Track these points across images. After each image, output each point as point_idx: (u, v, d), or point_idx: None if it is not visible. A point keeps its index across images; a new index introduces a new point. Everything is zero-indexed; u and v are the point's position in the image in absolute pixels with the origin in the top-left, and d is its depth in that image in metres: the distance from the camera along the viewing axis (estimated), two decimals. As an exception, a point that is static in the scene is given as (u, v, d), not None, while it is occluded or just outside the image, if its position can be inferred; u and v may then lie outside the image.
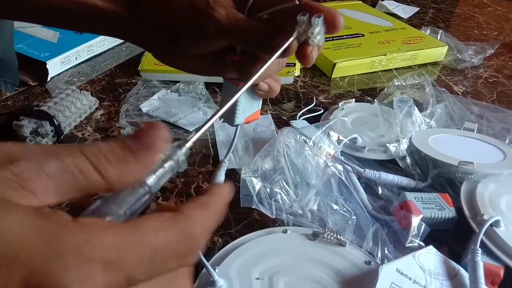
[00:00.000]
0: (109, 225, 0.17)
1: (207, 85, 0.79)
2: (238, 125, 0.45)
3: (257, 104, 0.45)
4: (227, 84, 0.45)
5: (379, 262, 0.46)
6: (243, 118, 0.44)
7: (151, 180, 0.20)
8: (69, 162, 0.18)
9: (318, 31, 0.32)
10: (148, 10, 0.38)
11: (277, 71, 0.40)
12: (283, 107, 0.77)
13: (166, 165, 0.20)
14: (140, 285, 0.18)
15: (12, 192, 0.17)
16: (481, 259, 0.43)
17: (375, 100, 0.75)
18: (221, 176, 0.48)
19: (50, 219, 0.16)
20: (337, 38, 0.96)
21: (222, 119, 0.45)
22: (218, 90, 0.80)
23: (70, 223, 0.16)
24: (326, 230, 0.47)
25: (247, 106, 0.44)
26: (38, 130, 0.62)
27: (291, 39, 0.31)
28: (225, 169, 0.49)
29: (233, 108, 0.43)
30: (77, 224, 0.16)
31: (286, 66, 0.81)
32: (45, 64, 0.79)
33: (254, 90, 0.42)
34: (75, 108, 0.69)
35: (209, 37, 0.35)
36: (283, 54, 0.33)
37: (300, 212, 0.51)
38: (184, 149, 0.21)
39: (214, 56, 0.39)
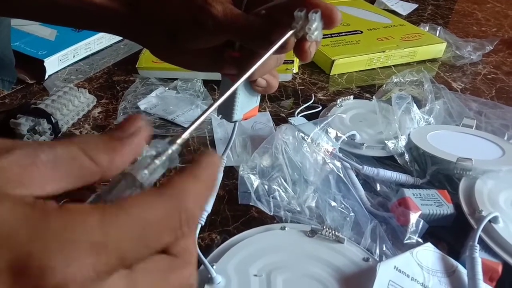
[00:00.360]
0: (93, 208, 0.17)
1: (205, 83, 0.79)
2: (236, 121, 0.45)
3: (255, 100, 0.45)
4: (225, 80, 0.44)
5: (377, 259, 0.46)
6: (241, 115, 0.44)
7: (141, 175, 0.20)
8: (62, 150, 0.19)
9: (315, 27, 0.31)
10: (146, 6, 0.38)
11: (275, 67, 0.40)
12: (281, 104, 0.77)
13: (157, 161, 0.21)
14: (135, 272, 0.18)
15: (8, 181, 0.17)
16: (479, 256, 0.43)
17: (374, 97, 0.75)
18: (219, 174, 0.48)
19: (35, 207, 0.16)
20: (336, 35, 0.96)
21: (220, 116, 0.45)
22: (216, 88, 0.80)
23: (54, 210, 0.16)
24: (324, 227, 0.47)
25: (245, 102, 0.43)
26: (36, 128, 0.62)
27: (287, 35, 0.31)
28: (223, 165, 0.49)
29: (231, 105, 0.43)
30: (60, 210, 0.16)
31: (284, 63, 0.81)
32: (43, 62, 0.79)
33: (252, 86, 0.42)
34: (73, 106, 0.69)
35: (207, 33, 0.35)
36: (281, 50, 0.32)
37: (298, 209, 0.51)
38: (175, 145, 0.22)
39: (212, 52, 0.39)
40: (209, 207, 0.46)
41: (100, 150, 0.20)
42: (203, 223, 0.46)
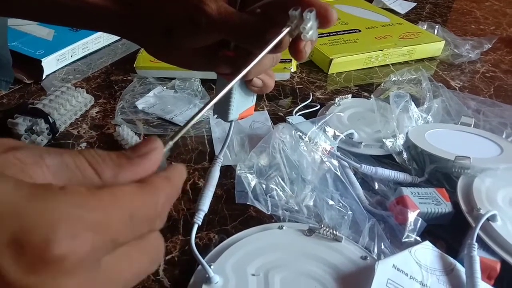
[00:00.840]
0: (90, 190, 0.18)
1: (203, 82, 0.79)
2: (232, 121, 0.45)
3: (251, 100, 0.45)
4: (220, 80, 0.44)
5: (376, 258, 0.46)
6: (237, 114, 0.44)
7: None
8: (68, 158, 0.19)
9: (310, 26, 0.31)
10: (146, 6, 0.38)
11: (271, 66, 0.39)
12: (279, 103, 0.76)
13: None
14: (118, 250, 0.19)
15: (12, 173, 0.17)
16: (477, 254, 0.43)
17: (372, 95, 0.75)
18: (216, 172, 0.48)
19: (38, 186, 0.17)
20: (334, 33, 0.96)
21: (216, 115, 0.45)
22: (214, 87, 0.79)
23: (56, 188, 0.17)
24: (322, 226, 0.47)
25: (241, 102, 0.43)
26: (33, 128, 0.62)
27: (282, 34, 0.31)
28: (220, 165, 0.49)
29: (227, 104, 0.43)
30: (64, 189, 0.17)
31: (282, 62, 0.81)
32: (40, 61, 0.79)
33: (248, 86, 0.41)
34: (70, 105, 0.69)
35: (201, 32, 0.35)
36: (276, 50, 0.32)
37: (296, 208, 0.51)
38: (164, 151, 0.22)
39: (207, 51, 0.39)
40: (206, 207, 0.46)
41: (106, 164, 0.20)
42: (200, 223, 0.45)
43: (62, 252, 0.16)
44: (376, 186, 0.56)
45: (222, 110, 0.43)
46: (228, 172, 0.58)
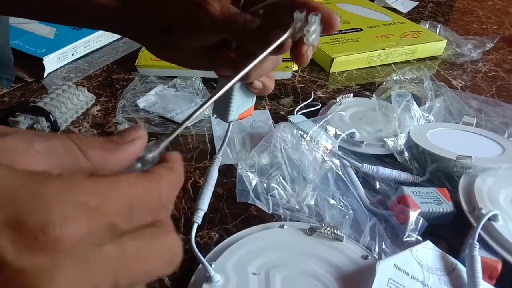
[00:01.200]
0: (87, 176, 0.18)
1: (205, 81, 0.79)
2: (231, 121, 0.45)
3: (251, 101, 0.45)
4: (222, 81, 0.44)
5: (377, 257, 0.45)
6: (236, 115, 0.44)
7: None
8: (57, 142, 0.19)
9: (314, 29, 0.32)
10: (140, 4, 0.38)
11: (272, 69, 0.39)
12: (281, 102, 0.76)
13: (139, 165, 0.22)
14: (124, 237, 0.19)
15: (6, 161, 0.17)
16: (478, 254, 0.43)
17: (373, 94, 0.75)
18: (214, 172, 0.48)
19: (34, 172, 0.17)
20: (335, 32, 0.95)
21: (216, 115, 0.45)
22: (215, 86, 0.79)
23: (51, 175, 0.17)
24: (323, 225, 0.47)
25: (241, 103, 0.43)
26: (34, 126, 0.62)
27: (285, 35, 0.31)
28: (219, 164, 0.49)
29: (227, 105, 0.43)
30: (61, 175, 0.17)
31: (284, 61, 0.81)
32: (42, 60, 0.79)
33: (248, 88, 0.42)
34: (72, 104, 0.69)
35: (203, 31, 0.35)
36: (278, 51, 0.32)
37: (297, 207, 0.51)
38: (158, 149, 0.22)
39: (209, 51, 0.39)
40: (205, 206, 0.46)
41: (94, 148, 0.20)
42: (199, 222, 0.45)
43: (57, 235, 0.16)
44: (378, 186, 0.56)
45: (222, 111, 0.43)
46: (229, 171, 0.58)
